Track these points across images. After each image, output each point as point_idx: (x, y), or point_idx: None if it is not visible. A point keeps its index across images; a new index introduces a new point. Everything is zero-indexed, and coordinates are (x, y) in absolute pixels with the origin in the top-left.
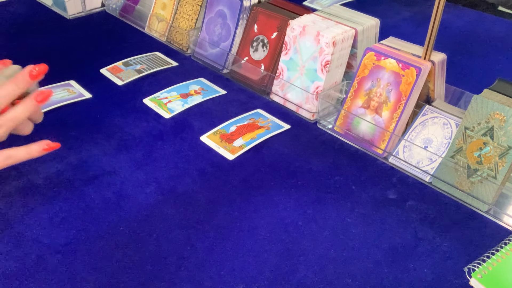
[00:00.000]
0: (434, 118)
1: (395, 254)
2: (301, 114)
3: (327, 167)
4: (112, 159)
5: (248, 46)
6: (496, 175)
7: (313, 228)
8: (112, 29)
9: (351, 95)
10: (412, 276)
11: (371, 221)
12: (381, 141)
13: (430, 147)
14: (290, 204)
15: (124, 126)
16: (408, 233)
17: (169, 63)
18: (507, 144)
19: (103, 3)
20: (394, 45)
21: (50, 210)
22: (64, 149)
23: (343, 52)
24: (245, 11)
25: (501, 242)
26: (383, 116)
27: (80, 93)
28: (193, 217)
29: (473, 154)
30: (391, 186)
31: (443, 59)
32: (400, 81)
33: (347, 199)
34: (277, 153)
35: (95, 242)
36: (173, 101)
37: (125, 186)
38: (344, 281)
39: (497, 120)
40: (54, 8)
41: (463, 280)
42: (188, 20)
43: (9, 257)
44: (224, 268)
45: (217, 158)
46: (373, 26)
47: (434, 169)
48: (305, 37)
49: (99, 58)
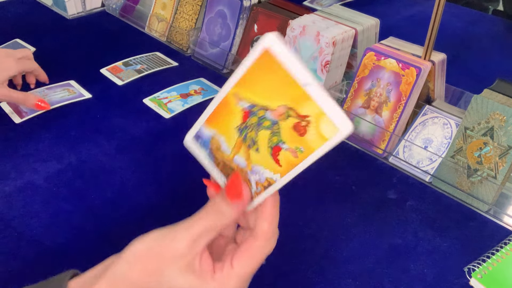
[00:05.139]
0: (434, 118)
1: (395, 254)
2: None
3: (327, 167)
4: (112, 159)
5: (248, 46)
6: (496, 175)
7: (313, 228)
8: (112, 29)
9: (351, 95)
10: (412, 276)
11: (371, 221)
12: (381, 141)
13: (430, 147)
14: (290, 204)
15: (124, 126)
16: (408, 233)
17: (169, 63)
18: (507, 144)
19: (103, 3)
20: (394, 45)
21: (50, 210)
22: (64, 149)
23: (343, 52)
24: (245, 11)
25: (501, 242)
26: (383, 116)
27: (80, 93)
28: None
29: (473, 154)
30: (391, 186)
31: (443, 59)
32: (400, 81)
33: (347, 199)
34: None
35: (95, 242)
36: (173, 101)
37: (125, 186)
38: (344, 281)
39: (497, 120)
40: (54, 8)
41: (463, 280)
42: (188, 20)
43: (9, 257)
44: None
45: None
46: (373, 26)
47: (434, 169)
48: (305, 37)
49: (99, 58)
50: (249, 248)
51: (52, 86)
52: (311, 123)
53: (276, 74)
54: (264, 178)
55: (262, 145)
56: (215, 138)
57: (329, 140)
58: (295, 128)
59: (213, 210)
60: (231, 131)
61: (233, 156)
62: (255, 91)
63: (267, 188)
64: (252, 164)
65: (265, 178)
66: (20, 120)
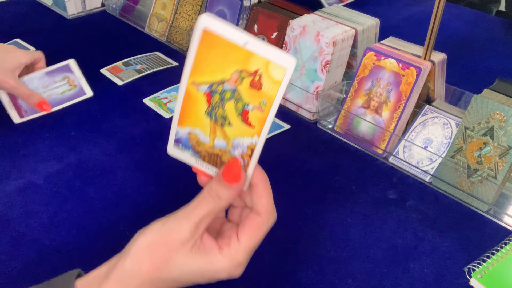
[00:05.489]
0: (434, 118)
1: (395, 254)
2: (301, 114)
3: (327, 167)
4: (112, 159)
5: None
6: (496, 175)
7: (313, 228)
8: (112, 29)
9: (351, 95)
10: (412, 276)
11: (371, 221)
12: (381, 141)
13: (430, 147)
14: (290, 204)
15: (124, 126)
16: (408, 233)
17: (169, 63)
18: (507, 144)
19: (103, 3)
20: (394, 45)
21: (50, 210)
22: (64, 149)
23: (343, 52)
24: (245, 11)
25: (501, 242)
26: (383, 116)
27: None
28: None
29: (473, 154)
30: (391, 186)
31: (443, 59)
32: (400, 81)
33: (347, 199)
34: (277, 153)
35: (95, 242)
36: (173, 101)
37: (125, 186)
38: (344, 281)
39: (497, 120)
40: (54, 8)
41: (463, 280)
42: (188, 20)
43: (9, 257)
44: None
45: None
46: (373, 26)
47: (434, 169)
48: (305, 37)
49: (99, 58)
50: (253, 223)
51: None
52: (262, 74)
53: (219, 47)
54: (246, 147)
55: (231, 117)
56: (192, 133)
57: (283, 81)
58: (252, 85)
59: (210, 196)
60: (202, 119)
61: (213, 142)
62: (208, 71)
63: (252, 155)
64: (231, 140)
65: (246, 146)
66: (20, 120)
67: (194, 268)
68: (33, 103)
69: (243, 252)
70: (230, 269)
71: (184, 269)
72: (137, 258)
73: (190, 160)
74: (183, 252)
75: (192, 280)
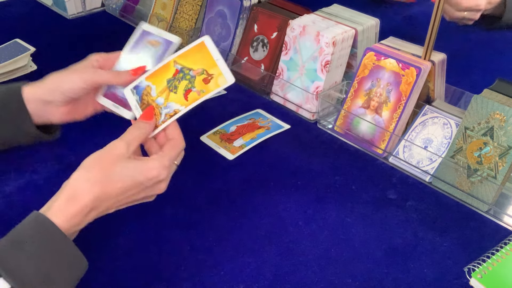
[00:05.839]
0: (434, 118)
1: (395, 254)
2: (301, 114)
3: (327, 167)
4: None
5: (248, 46)
6: (496, 175)
7: (313, 228)
8: (112, 29)
9: (351, 95)
10: (412, 276)
11: (371, 221)
12: (381, 141)
13: (430, 147)
14: (290, 204)
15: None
16: (408, 233)
17: None
18: (507, 144)
19: (103, 3)
20: (394, 45)
21: None
22: (64, 149)
23: (343, 52)
24: (245, 11)
25: (501, 242)
26: (383, 116)
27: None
28: (193, 217)
29: (473, 154)
30: (391, 186)
31: (443, 59)
32: (400, 81)
33: (347, 199)
34: (277, 153)
35: (95, 242)
36: None
37: None
38: (344, 281)
39: (497, 120)
40: (54, 8)
41: (463, 280)
42: (188, 20)
43: None
44: (224, 268)
45: (217, 158)
46: (373, 26)
47: (434, 169)
48: (305, 37)
49: None
50: (171, 142)
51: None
52: (213, 77)
53: (202, 53)
54: (173, 110)
55: (180, 89)
56: (149, 87)
57: (221, 86)
58: (204, 80)
59: (135, 127)
60: (162, 82)
61: (156, 98)
62: (187, 61)
63: (173, 116)
64: (168, 102)
65: (173, 110)
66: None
67: (132, 167)
68: (125, 81)
69: (167, 157)
70: (159, 168)
71: (124, 171)
72: (87, 167)
73: (131, 103)
74: (122, 160)
75: (132, 179)
